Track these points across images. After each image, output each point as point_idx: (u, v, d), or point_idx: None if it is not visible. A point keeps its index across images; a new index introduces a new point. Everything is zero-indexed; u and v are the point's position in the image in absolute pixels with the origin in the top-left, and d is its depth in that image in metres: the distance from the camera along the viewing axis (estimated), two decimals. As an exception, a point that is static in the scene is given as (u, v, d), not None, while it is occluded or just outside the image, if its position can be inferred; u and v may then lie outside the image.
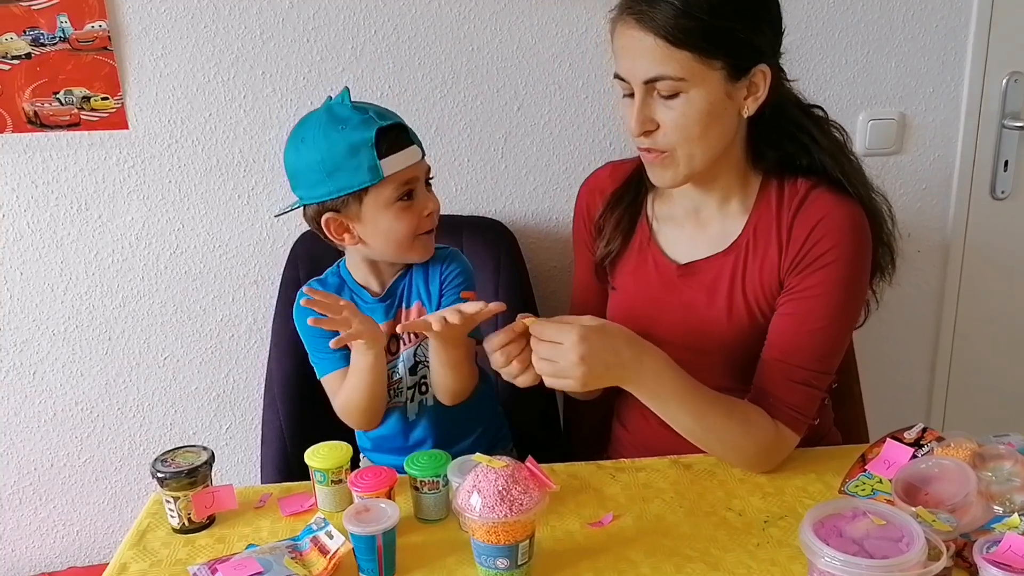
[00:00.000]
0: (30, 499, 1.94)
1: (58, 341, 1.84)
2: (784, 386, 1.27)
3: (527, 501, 1.04)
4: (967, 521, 1.05)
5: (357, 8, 1.69)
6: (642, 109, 1.21)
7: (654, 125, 1.23)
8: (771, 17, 1.24)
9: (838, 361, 1.30)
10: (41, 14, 1.62)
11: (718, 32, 1.17)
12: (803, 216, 1.28)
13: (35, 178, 1.73)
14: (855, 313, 1.32)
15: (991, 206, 1.94)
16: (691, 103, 1.20)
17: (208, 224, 1.79)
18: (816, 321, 1.26)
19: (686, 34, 1.15)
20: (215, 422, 1.93)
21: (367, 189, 1.27)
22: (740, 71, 1.21)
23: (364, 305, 1.38)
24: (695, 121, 1.21)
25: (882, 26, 1.80)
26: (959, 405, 2.08)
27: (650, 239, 1.40)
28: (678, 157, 1.24)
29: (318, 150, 1.26)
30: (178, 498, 1.18)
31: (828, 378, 1.30)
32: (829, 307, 1.26)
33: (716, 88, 1.20)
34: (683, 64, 1.17)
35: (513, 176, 1.82)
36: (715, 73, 1.19)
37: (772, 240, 1.30)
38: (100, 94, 1.68)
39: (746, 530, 1.16)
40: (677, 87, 1.18)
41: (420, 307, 1.39)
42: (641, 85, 1.20)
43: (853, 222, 1.27)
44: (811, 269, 1.26)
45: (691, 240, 1.37)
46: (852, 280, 1.27)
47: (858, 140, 1.86)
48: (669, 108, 1.21)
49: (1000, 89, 1.86)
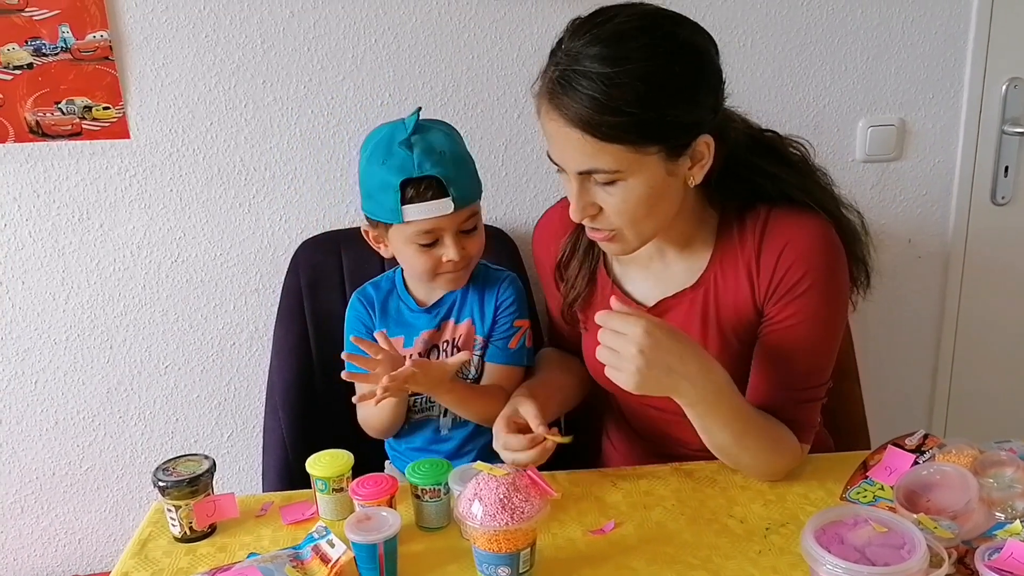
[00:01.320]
0: (32, 507, 1.94)
1: (60, 349, 1.84)
2: (794, 409, 1.26)
3: (528, 509, 1.04)
4: (969, 528, 1.05)
5: (357, 17, 1.69)
6: (581, 196, 1.16)
7: (596, 209, 1.17)
8: (708, 84, 1.15)
9: (832, 365, 1.30)
10: (43, 24, 1.62)
11: (648, 123, 1.09)
12: (768, 243, 1.24)
13: (37, 187, 1.73)
14: (841, 323, 1.30)
15: (992, 212, 1.94)
16: (631, 189, 1.14)
17: (209, 232, 1.79)
18: (804, 346, 1.25)
19: (614, 129, 1.08)
20: (216, 430, 1.93)
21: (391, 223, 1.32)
22: (679, 149, 1.14)
23: (409, 313, 1.43)
24: (637, 205, 1.15)
25: (881, 32, 1.81)
26: (961, 411, 2.07)
27: (612, 284, 1.36)
28: (626, 235, 1.20)
29: (363, 171, 1.35)
30: (179, 507, 1.18)
31: (826, 386, 1.30)
32: (815, 330, 1.24)
33: (655, 171, 1.13)
34: (615, 156, 1.10)
35: (514, 184, 1.82)
36: (651, 158, 1.12)
37: (740, 270, 1.26)
38: (101, 104, 1.68)
39: (748, 537, 1.16)
40: (613, 177, 1.13)
41: (470, 325, 1.43)
42: (575, 175, 1.15)
43: (819, 240, 1.23)
44: (788, 298, 1.23)
45: (658, 279, 1.33)
46: (831, 297, 1.25)
47: (858, 146, 1.87)
48: (609, 195, 1.15)
49: (1000, 95, 1.86)
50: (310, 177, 1.77)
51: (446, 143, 1.33)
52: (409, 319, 1.44)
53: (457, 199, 1.30)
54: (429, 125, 1.35)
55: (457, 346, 1.43)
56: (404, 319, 1.44)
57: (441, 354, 1.43)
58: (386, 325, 1.44)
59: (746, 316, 1.27)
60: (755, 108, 1.79)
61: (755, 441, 1.23)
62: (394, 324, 1.44)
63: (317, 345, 1.67)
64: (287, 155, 1.76)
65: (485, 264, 1.49)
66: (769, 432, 1.24)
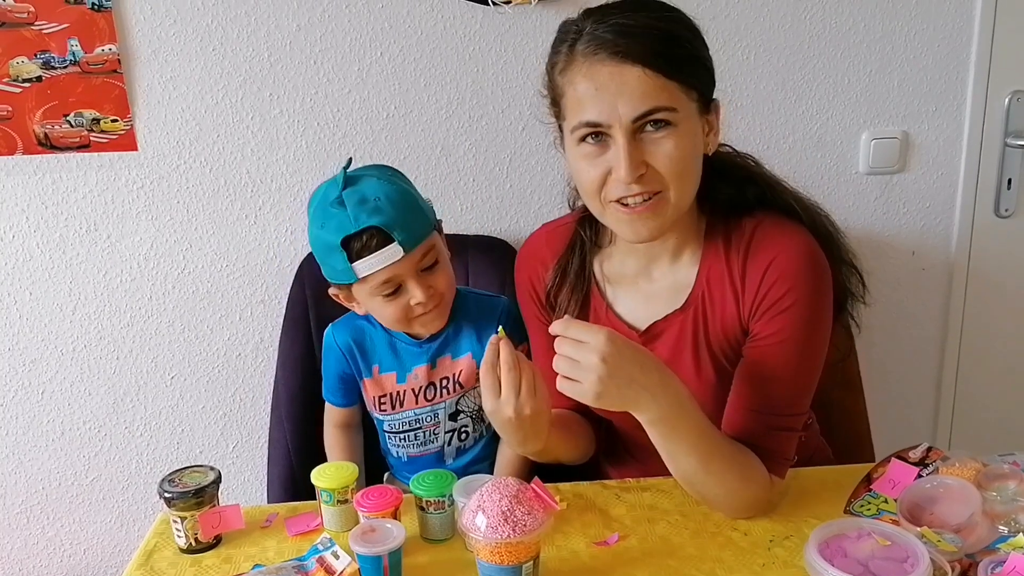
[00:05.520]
0: (37, 518, 1.95)
1: (66, 360, 1.85)
2: (765, 436, 1.21)
3: (531, 522, 1.04)
4: (972, 541, 1.05)
5: (364, 30, 1.71)
6: (633, 152, 1.11)
7: (645, 168, 1.13)
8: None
9: (811, 397, 1.25)
10: (52, 38, 1.64)
11: (696, 60, 1.14)
12: (753, 260, 1.21)
13: (45, 199, 1.75)
14: (822, 348, 1.24)
15: (995, 224, 1.94)
16: (682, 136, 1.13)
17: (215, 244, 1.80)
18: (784, 367, 1.20)
19: (674, 62, 1.10)
20: (222, 441, 1.93)
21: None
22: (706, 104, 1.17)
23: (402, 346, 1.41)
24: (688, 154, 1.14)
25: (884, 45, 1.81)
26: (964, 424, 2.07)
27: (607, 307, 1.32)
28: (669, 198, 1.15)
29: (311, 238, 1.33)
30: (185, 518, 1.19)
31: (803, 417, 1.26)
32: (796, 351, 1.20)
33: (696, 122, 1.15)
34: (673, 94, 1.11)
35: (518, 195, 1.83)
36: (693, 105, 1.14)
37: (727, 289, 1.24)
38: (110, 116, 1.70)
39: (752, 550, 1.16)
40: (670, 118, 1.11)
41: (471, 360, 1.40)
42: (629, 124, 1.10)
43: (805, 256, 1.20)
44: (771, 314, 1.20)
45: (646, 300, 1.29)
46: (815, 318, 1.21)
47: (861, 159, 1.87)
48: (659, 145, 1.12)
49: (1003, 107, 1.86)
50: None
51: (380, 189, 1.27)
52: (402, 352, 1.41)
53: (404, 242, 1.25)
54: (360, 174, 1.31)
55: (459, 382, 1.41)
56: (397, 352, 1.42)
57: (441, 391, 1.41)
58: (377, 360, 1.42)
59: (734, 336, 1.24)
60: (758, 120, 1.82)
61: (722, 465, 1.17)
62: (386, 358, 1.42)
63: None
64: (293, 167, 1.77)
65: (475, 293, 1.47)
66: (737, 457, 1.18)
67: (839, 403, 1.61)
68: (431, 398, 1.41)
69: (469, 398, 1.42)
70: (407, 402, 1.42)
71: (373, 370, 1.43)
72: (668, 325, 1.27)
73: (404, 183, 1.35)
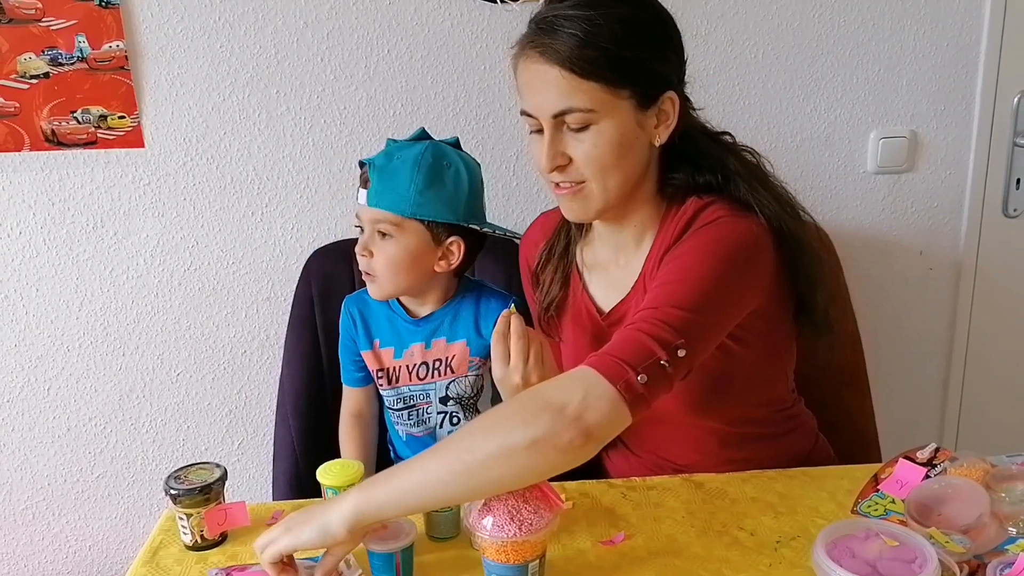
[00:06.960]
0: (43, 514, 1.95)
1: (72, 357, 1.85)
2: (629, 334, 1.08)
3: (537, 521, 1.04)
4: (980, 542, 1.05)
5: (371, 28, 1.71)
6: (552, 144, 1.17)
7: (566, 160, 1.18)
8: (674, 45, 1.21)
9: (682, 320, 1.08)
10: (59, 34, 1.64)
11: (624, 61, 1.14)
12: (685, 234, 1.21)
13: (52, 195, 1.75)
14: (714, 284, 1.13)
15: (1003, 224, 1.94)
16: (602, 134, 1.16)
17: (222, 241, 1.81)
18: (665, 276, 1.16)
19: (592, 64, 1.12)
20: (227, 438, 1.93)
21: None
22: (649, 99, 1.17)
23: (401, 323, 1.45)
24: (608, 152, 1.17)
25: (893, 44, 1.81)
26: (972, 424, 2.07)
27: (582, 289, 1.36)
28: (591, 188, 1.20)
29: None
30: (191, 515, 1.19)
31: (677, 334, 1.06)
32: (683, 268, 1.15)
33: (626, 118, 1.16)
34: (591, 95, 1.13)
35: (524, 193, 1.83)
36: (624, 103, 1.15)
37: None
38: (117, 113, 1.70)
39: (758, 550, 1.15)
40: (587, 119, 1.15)
41: (464, 347, 1.43)
42: (550, 119, 1.16)
43: (728, 232, 1.18)
44: (668, 258, 1.19)
45: (614, 286, 1.32)
46: (719, 255, 1.16)
47: (869, 158, 1.87)
48: (580, 141, 1.17)
49: (1012, 107, 1.86)
50: (322, 187, 1.79)
51: (421, 156, 1.31)
52: (401, 329, 1.45)
53: (373, 193, 1.31)
54: (441, 147, 1.36)
55: (450, 366, 1.43)
56: (396, 329, 1.46)
57: (433, 371, 1.44)
58: (379, 335, 1.46)
59: None
60: (767, 119, 1.82)
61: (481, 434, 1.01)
62: (386, 333, 1.46)
63: (328, 354, 1.68)
64: (300, 164, 1.77)
65: (487, 286, 1.49)
66: (498, 411, 1.05)
67: (846, 403, 1.61)
68: (423, 377, 1.44)
69: (460, 385, 1.44)
70: (402, 378, 1.46)
71: (374, 344, 1.47)
72: (625, 308, 1.30)
73: (445, 176, 1.33)
